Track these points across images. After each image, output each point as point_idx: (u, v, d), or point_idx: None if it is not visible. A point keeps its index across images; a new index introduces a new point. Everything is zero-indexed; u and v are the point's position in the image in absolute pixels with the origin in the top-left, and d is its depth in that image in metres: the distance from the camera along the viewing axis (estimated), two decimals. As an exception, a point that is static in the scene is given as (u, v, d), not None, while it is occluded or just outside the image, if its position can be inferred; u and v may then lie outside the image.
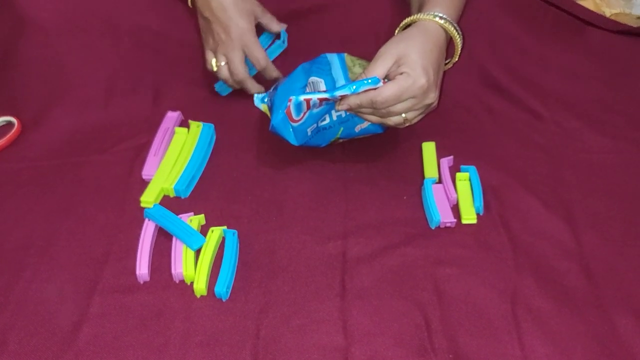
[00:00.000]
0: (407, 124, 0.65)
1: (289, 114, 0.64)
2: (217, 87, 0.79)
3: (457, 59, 0.69)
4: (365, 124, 0.68)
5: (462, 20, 0.76)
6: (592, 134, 0.76)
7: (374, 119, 0.65)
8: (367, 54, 0.75)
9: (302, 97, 0.62)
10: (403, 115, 0.64)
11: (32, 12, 0.75)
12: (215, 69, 0.74)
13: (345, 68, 0.68)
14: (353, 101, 0.62)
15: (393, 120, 0.65)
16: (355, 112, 0.66)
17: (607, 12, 0.86)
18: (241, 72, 0.74)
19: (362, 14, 0.79)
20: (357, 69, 0.68)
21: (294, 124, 0.65)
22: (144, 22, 0.76)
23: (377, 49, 0.65)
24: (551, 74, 0.80)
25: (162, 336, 0.56)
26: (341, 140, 0.72)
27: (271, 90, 0.70)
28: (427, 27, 0.65)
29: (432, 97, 0.64)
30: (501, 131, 0.76)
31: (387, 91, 0.61)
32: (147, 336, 0.56)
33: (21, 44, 0.76)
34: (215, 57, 0.74)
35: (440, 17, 0.65)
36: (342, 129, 0.69)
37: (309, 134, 0.68)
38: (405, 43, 0.63)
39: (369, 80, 0.60)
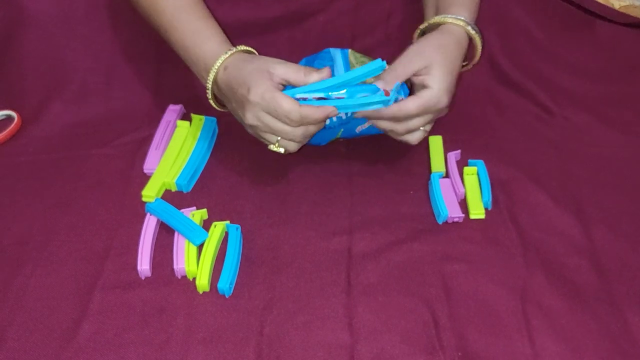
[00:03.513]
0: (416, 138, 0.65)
1: None
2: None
3: (470, 67, 0.68)
4: (365, 125, 0.67)
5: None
6: (601, 128, 0.76)
7: (387, 125, 0.63)
8: (377, 51, 0.74)
9: (298, 95, 0.60)
10: (421, 129, 0.63)
11: (31, 4, 0.74)
12: (281, 149, 0.62)
13: (347, 65, 0.67)
14: (371, 114, 0.61)
15: (413, 138, 0.64)
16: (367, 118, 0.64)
17: (617, 4, 0.85)
18: (289, 115, 0.57)
19: (370, 10, 0.78)
20: (358, 67, 0.67)
21: None
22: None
23: (386, 41, 0.64)
24: (560, 67, 0.79)
25: (164, 333, 0.55)
26: (342, 140, 0.71)
27: None
28: (457, 33, 0.64)
29: (446, 110, 0.63)
30: (510, 125, 0.76)
31: (411, 106, 0.60)
32: (148, 333, 0.55)
33: (20, 37, 0.75)
34: (266, 139, 0.62)
35: (470, 25, 0.64)
36: (342, 130, 0.68)
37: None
38: (440, 53, 0.61)
39: (377, 99, 0.59)
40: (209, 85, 0.63)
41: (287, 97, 0.57)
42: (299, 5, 0.76)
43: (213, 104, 0.66)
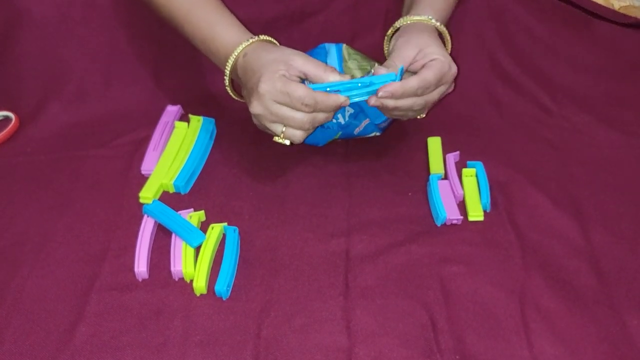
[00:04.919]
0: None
1: None
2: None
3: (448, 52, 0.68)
4: (362, 126, 0.67)
5: (471, 9, 0.74)
6: (601, 129, 0.76)
7: (407, 102, 0.61)
8: (376, 47, 0.73)
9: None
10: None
11: (29, 5, 0.74)
12: (287, 141, 0.61)
13: (341, 59, 0.67)
14: (396, 89, 0.59)
15: (422, 113, 0.64)
16: (384, 108, 0.62)
17: (616, 4, 0.85)
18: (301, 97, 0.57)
19: (369, 9, 0.78)
20: (351, 64, 0.66)
21: None
22: (142, 13, 0.74)
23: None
24: (560, 67, 0.79)
25: (161, 335, 0.55)
26: (339, 140, 0.70)
27: None
28: (422, 25, 0.64)
29: (453, 83, 0.63)
30: (509, 126, 0.76)
31: (429, 74, 0.59)
32: (145, 335, 0.55)
33: (18, 38, 0.75)
34: (271, 130, 0.61)
35: (430, 18, 0.65)
36: (340, 132, 0.68)
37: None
38: (424, 35, 0.62)
39: (384, 78, 0.59)
40: (227, 72, 0.63)
41: (300, 84, 0.57)
42: (299, 5, 0.76)
43: (230, 91, 0.66)
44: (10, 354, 0.53)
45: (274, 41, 0.65)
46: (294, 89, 0.57)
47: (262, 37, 0.63)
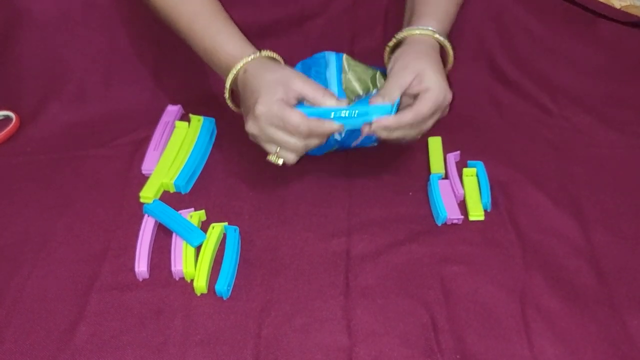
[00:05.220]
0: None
1: None
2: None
3: (450, 67, 0.68)
4: (359, 140, 0.67)
5: (470, 9, 0.74)
6: (601, 129, 0.75)
7: (400, 133, 0.62)
8: (375, 49, 0.73)
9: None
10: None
11: (30, 5, 0.74)
12: (280, 160, 0.61)
13: (340, 70, 0.67)
14: (390, 124, 0.59)
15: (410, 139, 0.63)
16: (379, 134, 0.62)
17: (617, 4, 0.85)
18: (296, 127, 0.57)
19: (368, 11, 0.78)
20: (351, 76, 0.66)
21: None
22: (143, 13, 0.74)
23: (385, 42, 0.63)
24: (560, 67, 0.79)
25: (162, 335, 0.55)
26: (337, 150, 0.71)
27: None
28: (427, 41, 0.64)
29: (448, 107, 0.63)
30: (509, 126, 0.76)
31: (424, 108, 0.59)
32: (146, 335, 0.55)
33: (18, 38, 0.75)
34: (265, 148, 0.61)
35: (433, 31, 0.64)
36: (337, 146, 0.68)
37: None
38: (423, 59, 0.61)
39: (380, 109, 0.59)
40: (227, 86, 0.63)
41: (296, 110, 0.57)
42: (298, 9, 0.76)
43: (230, 104, 0.66)
44: (10, 354, 0.53)
45: (277, 57, 0.64)
46: (289, 115, 0.57)
47: (264, 52, 0.63)
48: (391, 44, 0.67)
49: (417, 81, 0.60)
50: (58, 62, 0.76)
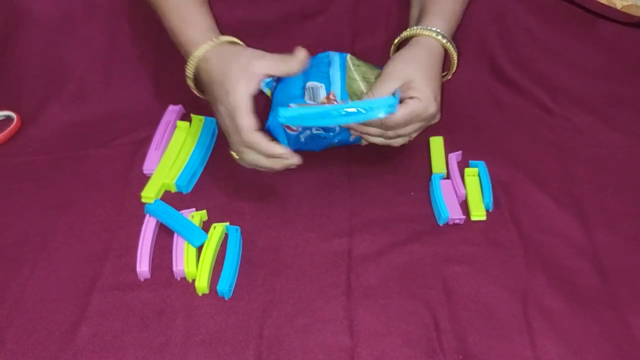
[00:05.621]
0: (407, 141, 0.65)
1: (287, 126, 0.64)
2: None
3: (450, 76, 0.68)
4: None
5: (472, 10, 0.74)
6: (603, 129, 0.75)
7: (378, 140, 0.63)
8: (377, 48, 0.73)
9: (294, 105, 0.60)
10: (408, 137, 0.63)
11: (30, 5, 0.74)
12: (236, 155, 0.62)
13: (344, 70, 0.67)
14: (357, 126, 0.61)
15: (397, 142, 0.64)
16: (357, 132, 0.64)
17: (619, 4, 0.85)
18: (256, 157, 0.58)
19: (369, 10, 0.78)
20: (356, 74, 0.66)
21: (291, 132, 0.65)
22: (143, 12, 0.74)
23: (387, 41, 0.63)
24: (562, 67, 0.79)
25: (163, 335, 0.54)
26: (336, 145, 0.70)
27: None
28: (429, 44, 0.63)
29: (438, 117, 0.63)
30: (511, 126, 0.75)
31: (398, 115, 0.59)
32: (147, 335, 0.54)
33: (19, 38, 0.75)
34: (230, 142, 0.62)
35: (442, 35, 0.64)
36: (336, 140, 0.68)
37: (302, 140, 0.67)
38: (412, 65, 0.61)
39: (382, 111, 0.58)
40: (188, 73, 0.63)
41: (262, 138, 0.56)
42: (298, 6, 0.76)
43: (194, 91, 0.66)
44: (12, 354, 0.53)
45: (237, 41, 0.63)
46: (257, 143, 0.56)
47: (223, 38, 0.61)
48: (397, 42, 0.67)
49: (405, 87, 0.60)
50: (58, 62, 0.76)
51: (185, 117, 0.76)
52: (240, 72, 0.57)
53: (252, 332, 0.54)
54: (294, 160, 0.58)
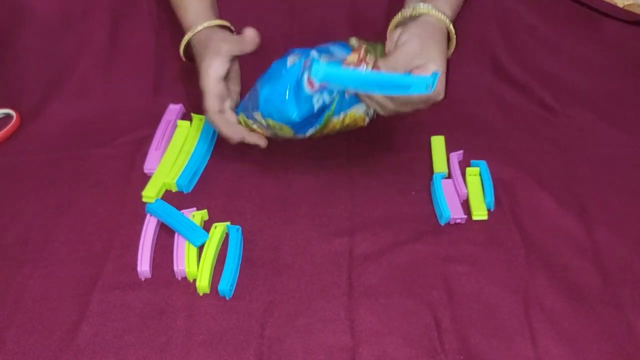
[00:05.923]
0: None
1: (309, 82, 0.57)
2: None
3: (449, 55, 0.67)
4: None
5: (474, 8, 0.74)
6: (605, 128, 0.75)
7: (383, 112, 0.62)
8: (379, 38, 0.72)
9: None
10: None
11: (31, 2, 0.74)
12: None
13: (347, 48, 0.64)
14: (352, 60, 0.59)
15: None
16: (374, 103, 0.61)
17: (620, 3, 0.85)
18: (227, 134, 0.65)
19: (368, 2, 0.77)
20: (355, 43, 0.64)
21: (309, 92, 0.58)
22: (144, 10, 0.74)
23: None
24: (564, 66, 0.79)
25: (164, 335, 0.54)
26: (342, 139, 0.68)
27: (247, 96, 0.65)
28: (440, 26, 0.62)
29: (442, 95, 0.61)
30: (512, 125, 0.75)
31: (415, 97, 0.58)
32: (148, 335, 0.54)
33: (19, 35, 0.75)
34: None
35: (447, 17, 0.63)
36: (333, 107, 0.62)
37: (316, 109, 0.60)
38: (435, 49, 0.59)
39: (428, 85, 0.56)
40: (182, 56, 0.69)
41: (229, 123, 0.64)
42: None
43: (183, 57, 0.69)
44: (12, 354, 0.53)
45: (227, 24, 0.67)
46: (217, 124, 0.64)
47: (214, 22, 0.66)
48: (398, 19, 0.64)
49: (422, 67, 0.58)
50: (59, 60, 0.76)
51: (186, 117, 0.76)
52: (211, 56, 0.63)
53: (253, 332, 0.54)
54: (250, 140, 0.65)
